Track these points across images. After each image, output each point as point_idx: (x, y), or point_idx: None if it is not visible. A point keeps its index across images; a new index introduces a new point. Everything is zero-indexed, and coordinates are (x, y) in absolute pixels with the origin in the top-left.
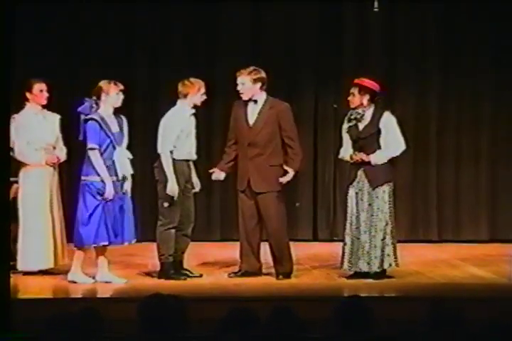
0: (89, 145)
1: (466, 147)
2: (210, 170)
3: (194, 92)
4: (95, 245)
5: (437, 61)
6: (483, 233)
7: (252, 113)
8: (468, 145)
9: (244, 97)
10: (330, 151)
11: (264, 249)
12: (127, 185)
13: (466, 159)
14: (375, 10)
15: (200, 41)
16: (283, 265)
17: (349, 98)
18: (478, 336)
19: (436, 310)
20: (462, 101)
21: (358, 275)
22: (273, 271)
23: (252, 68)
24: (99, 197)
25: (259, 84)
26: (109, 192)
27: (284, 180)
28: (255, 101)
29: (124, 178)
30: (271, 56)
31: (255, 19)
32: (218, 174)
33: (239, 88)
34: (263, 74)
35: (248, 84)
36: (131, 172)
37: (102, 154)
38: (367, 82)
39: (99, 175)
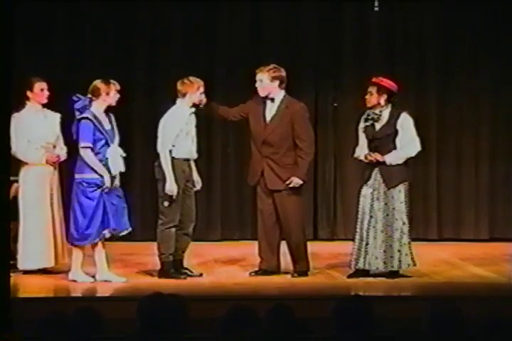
0: (82, 143)
1: (466, 146)
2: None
3: (193, 91)
4: (93, 243)
5: (437, 61)
6: (483, 232)
7: (269, 111)
8: (468, 144)
9: (261, 94)
10: (330, 150)
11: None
12: (118, 180)
13: (466, 158)
14: (375, 9)
15: (200, 41)
16: (299, 264)
17: (366, 97)
18: (478, 335)
19: (436, 310)
20: (462, 101)
21: (359, 274)
22: (290, 268)
23: (272, 66)
24: (97, 191)
25: (277, 82)
26: (108, 184)
27: (290, 185)
28: (272, 100)
29: (116, 175)
30: (271, 56)
31: (255, 19)
32: (205, 101)
33: (257, 85)
34: (282, 73)
35: (266, 82)
36: (123, 169)
37: (98, 152)
38: (385, 82)
39: (95, 171)
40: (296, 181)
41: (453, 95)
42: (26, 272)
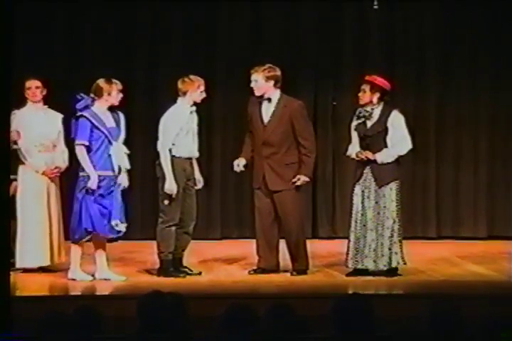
0: (77, 140)
1: (465, 145)
2: (234, 162)
3: (194, 90)
4: (91, 238)
5: (437, 61)
6: (482, 230)
7: (266, 112)
8: (467, 143)
9: (256, 93)
10: (329, 149)
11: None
12: (121, 179)
13: (464, 157)
14: (375, 7)
15: (200, 41)
16: (298, 262)
17: (359, 94)
18: (477, 333)
19: (435, 308)
20: (461, 101)
21: (358, 273)
22: (289, 267)
23: (267, 66)
24: (79, 194)
25: (272, 82)
26: (92, 185)
27: (297, 183)
28: (269, 100)
29: (120, 172)
30: (270, 56)
31: (255, 19)
32: (240, 161)
33: (252, 85)
34: (277, 72)
35: (261, 82)
36: (128, 166)
37: (98, 149)
38: (379, 81)
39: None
40: (303, 179)
41: (452, 95)
42: (25, 270)
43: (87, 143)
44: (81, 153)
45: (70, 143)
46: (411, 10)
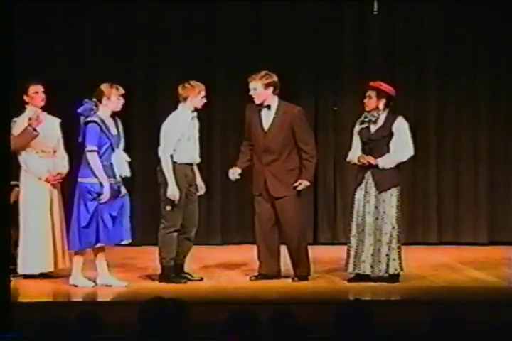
0: (89, 147)
1: (465, 149)
2: (229, 171)
3: (194, 95)
4: (94, 247)
5: (437, 61)
6: (483, 236)
7: (266, 119)
8: (468, 147)
9: (257, 101)
10: (330, 154)
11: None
12: (123, 188)
13: (465, 161)
14: (375, 13)
15: (200, 41)
16: (300, 268)
17: (365, 101)
18: (479, 339)
19: (437, 314)
20: (461, 102)
21: (359, 278)
22: (290, 273)
23: (263, 73)
24: (96, 199)
25: (271, 89)
26: (106, 194)
27: (298, 188)
28: (268, 107)
29: (122, 180)
30: (270, 57)
31: (255, 19)
32: (234, 170)
33: (251, 93)
34: (275, 79)
35: (260, 89)
36: (129, 174)
37: (101, 156)
38: (385, 87)
39: (97, 177)
40: (304, 183)
41: (452, 96)
42: (27, 277)
43: (97, 149)
44: (94, 160)
45: (69, 147)
46: (411, 10)
